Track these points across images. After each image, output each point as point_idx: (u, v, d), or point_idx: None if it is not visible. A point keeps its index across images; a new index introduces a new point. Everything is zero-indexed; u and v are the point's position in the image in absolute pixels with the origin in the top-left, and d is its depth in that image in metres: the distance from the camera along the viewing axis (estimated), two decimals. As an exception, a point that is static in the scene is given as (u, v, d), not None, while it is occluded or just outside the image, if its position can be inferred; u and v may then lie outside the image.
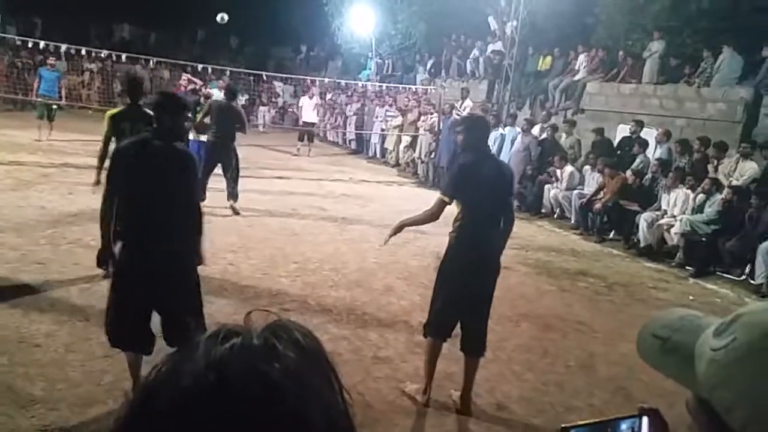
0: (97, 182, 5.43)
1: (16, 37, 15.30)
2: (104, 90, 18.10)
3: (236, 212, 8.21)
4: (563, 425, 0.78)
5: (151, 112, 5.64)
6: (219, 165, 8.28)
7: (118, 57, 14.41)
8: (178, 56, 17.53)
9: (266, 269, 6.14)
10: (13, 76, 16.66)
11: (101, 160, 5.34)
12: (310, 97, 15.54)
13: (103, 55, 14.28)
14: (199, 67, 14.01)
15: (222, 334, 0.58)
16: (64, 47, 13.67)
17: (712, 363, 0.64)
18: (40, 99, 12.19)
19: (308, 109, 15.33)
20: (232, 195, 8.38)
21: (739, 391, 0.60)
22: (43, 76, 12.37)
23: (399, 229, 3.86)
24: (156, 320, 3.33)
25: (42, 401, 3.36)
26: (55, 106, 12.42)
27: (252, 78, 18.93)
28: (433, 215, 3.69)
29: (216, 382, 0.54)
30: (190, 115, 5.37)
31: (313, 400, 0.56)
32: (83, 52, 13.71)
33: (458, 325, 3.83)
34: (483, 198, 3.63)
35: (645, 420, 0.81)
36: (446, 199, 3.67)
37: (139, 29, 26.65)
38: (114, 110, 5.52)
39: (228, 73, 13.46)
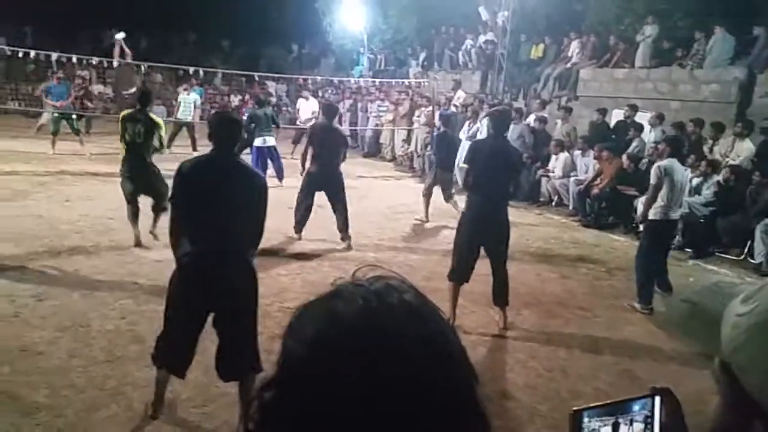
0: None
1: (6, 48, 15.23)
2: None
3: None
4: (574, 408, 0.78)
5: (157, 118, 6.36)
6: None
7: (110, 63, 14.33)
8: (169, 60, 17.48)
9: (265, 268, 6.12)
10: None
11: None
12: (306, 99, 15.40)
13: (94, 62, 14.21)
14: (191, 70, 13.98)
15: (350, 282, 0.69)
16: (55, 55, 13.62)
17: (735, 327, 0.65)
18: (51, 109, 11.97)
19: (306, 112, 15.13)
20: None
21: (755, 354, 0.61)
22: (52, 92, 12.18)
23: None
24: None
25: (47, 408, 3.36)
26: (74, 116, 12.27)
27: (244, 79, 18.86)
28: (465, 181, 5.03)
29: (378, 308, 0.65)
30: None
31: (443, 323, 0.68)
32: (74, 59, 13.66)
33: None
34: (488, 169, 4.77)
35: (657, 400, 0.80)
36: (464, 166, 5.13)
37: (130, 34, 26.51)
38: (125, 112, 6.47)
39: (220, 74, 13.45)
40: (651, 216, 5.60)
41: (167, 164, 5.75)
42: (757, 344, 0.61)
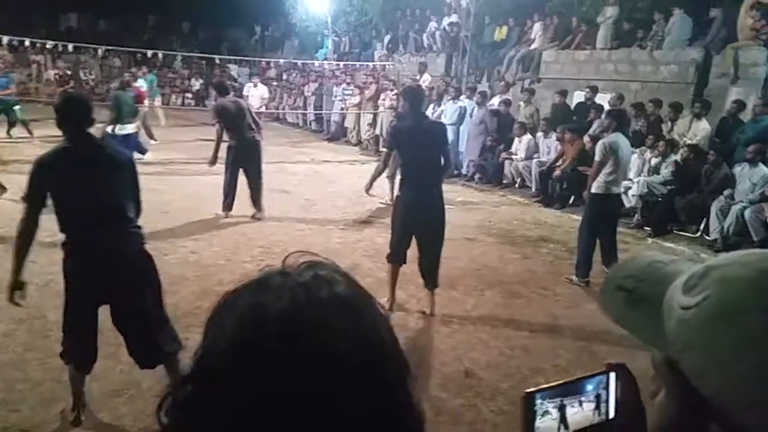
0: None
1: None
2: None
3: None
4: (527, 391, 0.74)
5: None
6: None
7: (65, 47, 13.89)
8: (128, 43, 17.06)
9: (229, 255, 6.07)
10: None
11: None
12: (255, 86, 15.07)
13: (48, 46, 13.77)
14: (149, 53, 13.66)
15: (278, 271, 0.65)
16: (6, 39, 13.16)
17: (682, 323, 0.57)
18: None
19: (255, 99, 14.79)
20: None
21: (712, 355, 0.54)
22: None
23: (370, 185, 5.24)
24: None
25: (1, 403, 3.29)
26: (17, 107, 11.70)
27: (205, 62, 18.50)
28: (382, 164, 4.95)
29: (307, 303, 0.61)
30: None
31: (376, 316, 0.65)
32: (27, 43, 13.22)
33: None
34: (415, 149, 4.58)
35: (612, 376, 0.78)
36: (386, 150, 4.82)
37: (87, 17, 25.78)
38: None
39: (179, 58, 13.18)
40: (594, 190, 5.73)
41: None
42: (712, 345, 0.54)
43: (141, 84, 13.11)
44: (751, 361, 0.51)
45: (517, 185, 10.63)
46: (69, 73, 17.22)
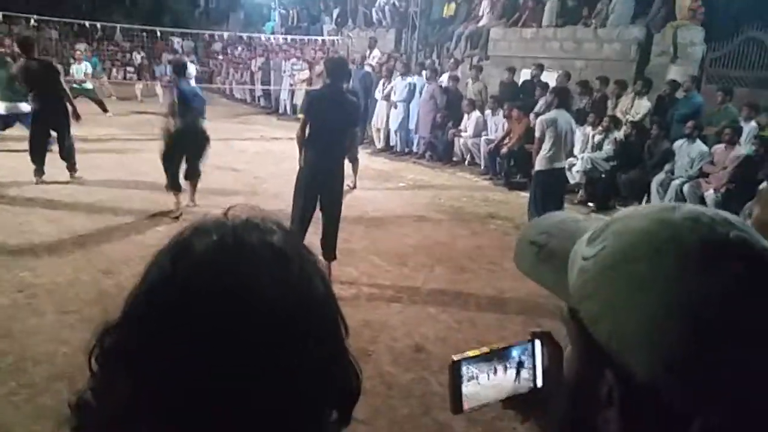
0: None
1: None
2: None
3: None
4: (453, 359, 0.76)
5: None
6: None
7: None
8: (66, 14, 16.27)
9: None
10: None
11: None
12: (192, 62, 14.57)
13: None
14: (87, 24, 13.09)
15: (215, 218, 0.65)
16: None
17: (582, 272, 0.59)
18: None
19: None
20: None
21: (604, 302, 0.56)
22: None
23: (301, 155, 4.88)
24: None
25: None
26: None
27: (145, 34, 17.81)
28: (300, 131, 4.77)
29: (234, 245, 0.60)
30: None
31: (309, 268, 0.64)
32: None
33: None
34: (325, 119, 4.66)
35: (537, 344, 0.79)
36: (301, 116, 4.83)
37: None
38: None
39: (118, 29, 12.65)
40: (537, 167, 5.90)
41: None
42: (605, 292, 0.56)
43: (85, 66, 12.58)
44: (638, 307, 0.53)
45: (466, 162, 10.75)
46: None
